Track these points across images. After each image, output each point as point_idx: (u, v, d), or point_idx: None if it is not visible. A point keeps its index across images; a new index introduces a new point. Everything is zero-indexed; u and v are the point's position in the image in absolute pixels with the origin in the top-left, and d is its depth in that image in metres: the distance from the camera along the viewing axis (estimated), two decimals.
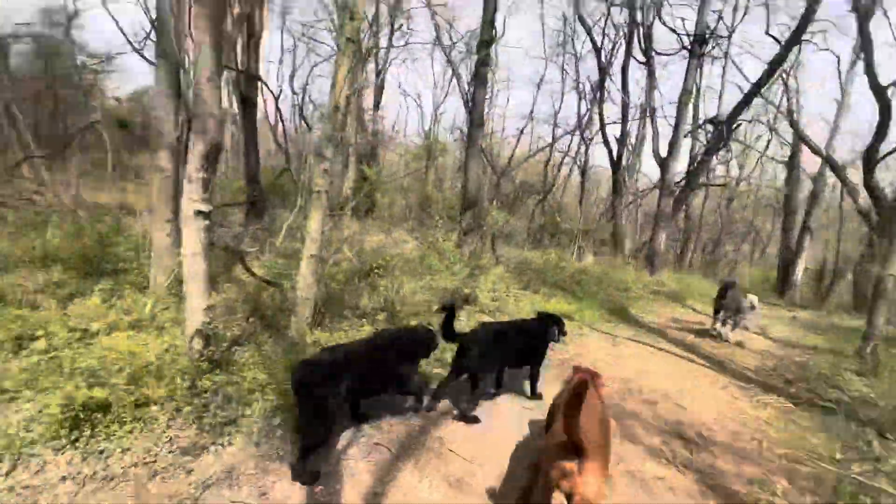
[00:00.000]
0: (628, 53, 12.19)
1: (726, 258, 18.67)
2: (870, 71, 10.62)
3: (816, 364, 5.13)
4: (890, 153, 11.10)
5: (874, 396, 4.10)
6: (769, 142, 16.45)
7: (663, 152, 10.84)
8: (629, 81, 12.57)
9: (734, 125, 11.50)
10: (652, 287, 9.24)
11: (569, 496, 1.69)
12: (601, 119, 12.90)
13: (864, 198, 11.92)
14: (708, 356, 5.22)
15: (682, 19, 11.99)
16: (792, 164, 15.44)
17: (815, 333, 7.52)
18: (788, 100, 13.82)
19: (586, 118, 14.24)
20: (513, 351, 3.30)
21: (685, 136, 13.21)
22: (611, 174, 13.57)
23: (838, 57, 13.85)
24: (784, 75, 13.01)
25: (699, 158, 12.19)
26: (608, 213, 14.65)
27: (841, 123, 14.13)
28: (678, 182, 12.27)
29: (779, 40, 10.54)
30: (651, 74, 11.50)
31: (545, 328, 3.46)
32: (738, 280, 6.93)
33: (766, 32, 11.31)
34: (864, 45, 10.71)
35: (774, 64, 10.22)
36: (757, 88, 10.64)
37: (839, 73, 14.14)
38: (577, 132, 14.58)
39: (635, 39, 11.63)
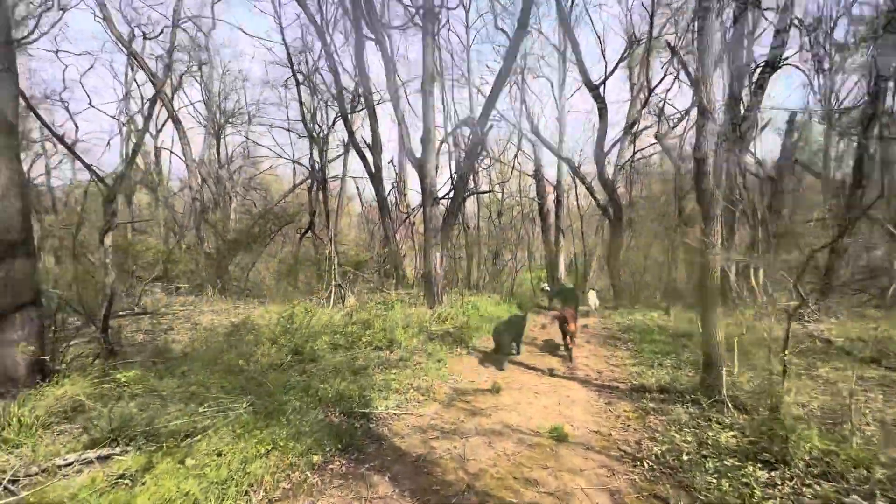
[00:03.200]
0: (357, 29, 9.76)
1: (507, 266, 18.95)
2: (582, 69, 11.38)
3: None
4: (613, 146, 12.23)
5: None
6: (516, 154, 17.28)
7: (418, 152, 8.74)
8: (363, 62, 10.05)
9: (487, 127, 10.49)
10: (431, 327, 6.60)
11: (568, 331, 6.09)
12: (345, 119, 10.16)
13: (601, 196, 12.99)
14: None
15: None
16: (538, 175, 16.62)
17: (616, 348, 6.21)
18: (527, 109, 14.43)
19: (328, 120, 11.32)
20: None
21: (443, 140, 11.83)
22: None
23: (552, 82, 15.49)
24: (519, 81, 13.37)
25: (462, 164, 10.83)
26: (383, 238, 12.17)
27: (564, 137, 15.76)
28: (447, 193, 10.62)
29: (508, 33, 10.15)
30: (385, 52, 9.35)
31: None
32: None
33: (496, 26, 10.94)
34: (574, 48, 11.47)
35: (508, 59, 9.50)
36: (500, 84, 9.80)
37: (554, 95, 15.88)
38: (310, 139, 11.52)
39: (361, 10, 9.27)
